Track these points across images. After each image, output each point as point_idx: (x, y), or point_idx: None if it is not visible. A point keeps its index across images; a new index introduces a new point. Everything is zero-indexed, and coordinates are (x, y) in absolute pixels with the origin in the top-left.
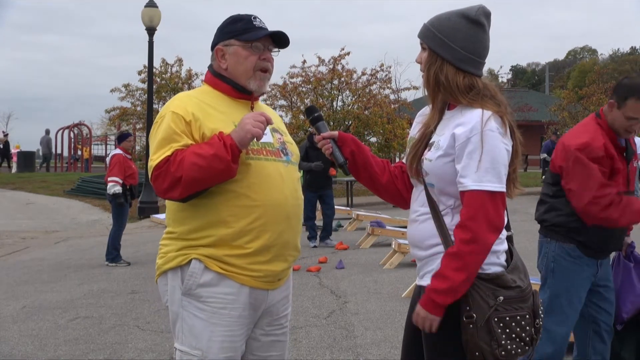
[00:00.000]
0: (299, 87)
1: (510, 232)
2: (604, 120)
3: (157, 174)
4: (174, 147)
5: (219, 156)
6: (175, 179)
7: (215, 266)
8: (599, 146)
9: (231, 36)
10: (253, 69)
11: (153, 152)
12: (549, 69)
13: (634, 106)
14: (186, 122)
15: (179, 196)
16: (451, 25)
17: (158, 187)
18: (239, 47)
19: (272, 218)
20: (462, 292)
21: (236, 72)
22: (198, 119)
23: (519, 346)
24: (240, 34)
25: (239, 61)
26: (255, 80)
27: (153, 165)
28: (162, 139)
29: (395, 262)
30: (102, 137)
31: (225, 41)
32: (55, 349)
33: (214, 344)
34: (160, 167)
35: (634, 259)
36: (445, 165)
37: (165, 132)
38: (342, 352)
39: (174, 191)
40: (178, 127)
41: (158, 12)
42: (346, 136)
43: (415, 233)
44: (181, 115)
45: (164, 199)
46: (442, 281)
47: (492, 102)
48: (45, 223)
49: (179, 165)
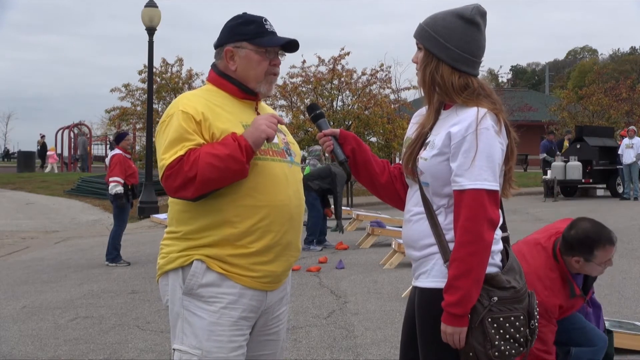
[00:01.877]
0: (299, 87)
1: (507, 233)
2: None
3: (169, 173)
4: (186, 147)
5: (234, 157)
6: (188, 179)
7: (217, 267)
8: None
9: (243, 38)
10: (265, 73)
11: (164, 151)
12: (549, 69)
13: (603, 253)
14: (196, 121)
15: (191, 195)
16: (446, 25)
17: (169, 186)
18: (251, 51)
19: (277, 218)
20: (476, 295)
21: (246, 76)
22: (207, 118)
23: (513, 347)
24: (253, 38)
25: (251, 65)
26: (265, 84)
27: (165, 164)
28: (173, 139)
29: (395, 262)
30: (102, 137)
31: (237, 43)
32: (55, 349)
33: (214, 343)
34: (173, 167)
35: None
36: (440, 164)
37: (176, 132)
38: (342, 352)
39: (186, 190)
40: (189, 126)
41: (158, 12)
42: (347, 134)
43: (409, 233)
44: (191, 115)
45: (174, 197)
46: (453, 293)
47: (488, 101)
48: (45, 223)
49: (193, 164)
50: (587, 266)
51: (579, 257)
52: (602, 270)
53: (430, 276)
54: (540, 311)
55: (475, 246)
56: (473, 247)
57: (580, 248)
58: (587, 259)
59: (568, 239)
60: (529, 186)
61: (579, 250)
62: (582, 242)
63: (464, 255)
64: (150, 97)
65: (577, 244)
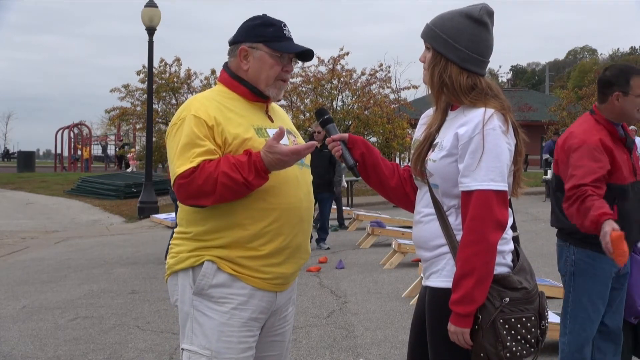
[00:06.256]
0: (298, 87)
1: (517, 233)
2: (599, 115)
3: (180, 182)
4: (197, 153)
5: (250, 184)
6: (202, 192)
7: (227, 268)
8: (595, 141)
9: (260, 40)
10: (275, 78)
11: (176, 157)
12: (549, 69)
13: (638, 82)
14: (208, 126)
15: (206, 205)
16: (454, 25)
17: (181, 196)
18: (266, 54)
19: (287, 221)
20: (480, 296)
21: (257, 78)
22: (220, 123)
23: (524, 348)
24: (270, 41)
25: (264, 68)
26: (274, 88)
27: (178, 173)
28: (185, 144)
29: (395, 262)
30: (102, 137)
31: (253, 43)
32: (55, 349)
33: (224, 344)
34: (186, 177)
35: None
36: (449, 166)
37: (188, 137)
38: (342, 352)
39: (200, 201)
40: (201, 131)
41: (158, 12)
42: (356, 138)
43: (420, 234)
44: (203, 120)
45: (186, 205)
46: (456, 291)
47: (496, 101)
48: (45, 223)
49: (207, 179)
50: (626, 102)
51: (618, 91)
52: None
53: (441, 276)
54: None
55: (479, 246)
56: (477, 247)
57: (617, 80)
58: (624, 92)
59: (604, 78)
60: (529, 186)
61: (616, 84)
62: (618, 75)
63: (468, 255)
64: (150, 97)
65: (614, 77)
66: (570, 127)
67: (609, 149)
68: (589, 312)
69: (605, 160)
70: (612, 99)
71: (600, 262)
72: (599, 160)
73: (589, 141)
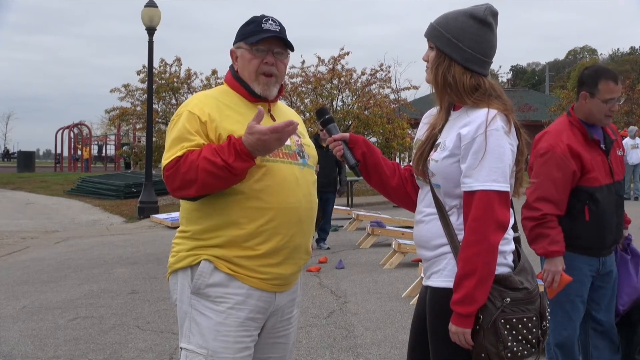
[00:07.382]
0: (298, 87)
1: (517, 234)
2: (574, 117)
3: (167, 174)
4: (185, 147)
5: (230, 166)
6: (186, 181)
7: (224, 267)
8: (561, 150)
9: (241, 38)
10: (255, 72)
11: (166, 150)
12: (549, 69)
13: (606, 87)
14: (201, 122)
15: (192, 195)
16: (459, 25)
17: (169, 186)
18: (245, 51)
19: (285, 221)
20: (481, 297)
21: (244, 76)
22: (214, 119)
23: (525, 348)
24: (247, 37)
25: (244, 64)
26: (258, 84)
27: (164, 164)
28: (175, 138)
29: (395, 262)
30: (102, 137)
31: (237, 43)
32: (55, 349)
33: (220, 343)
34: (171, 168)
35: (631, 251)
36: (451, 166)
37: (178, 132)
38: (342, 352)
39: (185, 191)
40: (192, 126)
41: (158, 12)
42: (357, 138)
43: (421, 234)
44: (197, 115)
45: (176, 197)
46: (457, 291)
47: (498, 102)
48: (45, 223)
49: (190, 167)
50: (592, 104)
51: (585, 90)
52: (607, 111)
53: (442, 275)
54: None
55: (481, 246)
56: (478, 247)
57: (587, 80)
58: (591, 93)
59: (579, 76)
60: None
61: (585, 83)
62: (590, 75)
63: (469, 256)
64: (150, 97)
65: (586, 77)
66: (550, 126)
67: (577, 153)
68: (567, 310)
69: (569, 167)
70: (581, 98)
71: (576, 262)
72: (561, 168)
73: (555, 149)
